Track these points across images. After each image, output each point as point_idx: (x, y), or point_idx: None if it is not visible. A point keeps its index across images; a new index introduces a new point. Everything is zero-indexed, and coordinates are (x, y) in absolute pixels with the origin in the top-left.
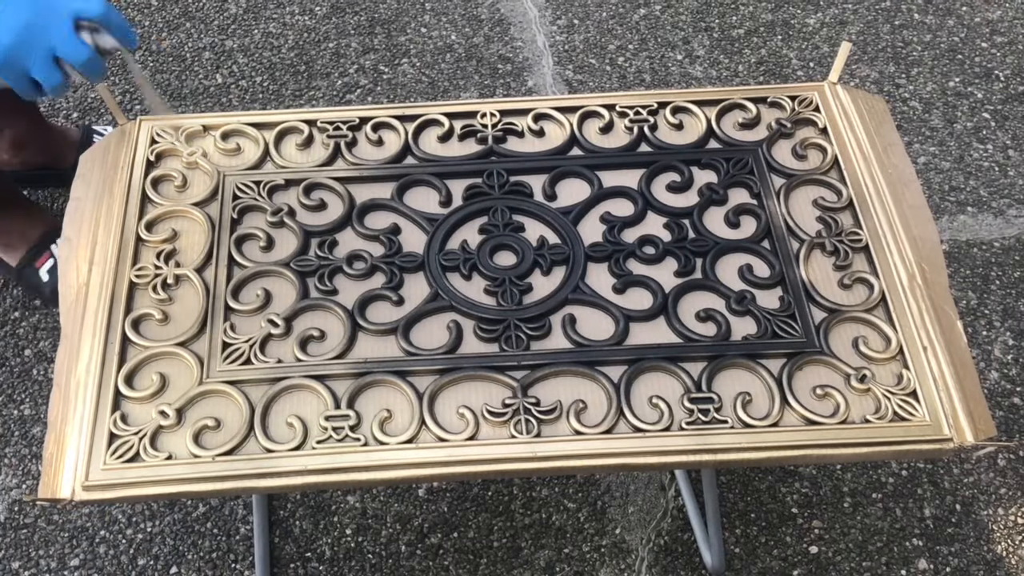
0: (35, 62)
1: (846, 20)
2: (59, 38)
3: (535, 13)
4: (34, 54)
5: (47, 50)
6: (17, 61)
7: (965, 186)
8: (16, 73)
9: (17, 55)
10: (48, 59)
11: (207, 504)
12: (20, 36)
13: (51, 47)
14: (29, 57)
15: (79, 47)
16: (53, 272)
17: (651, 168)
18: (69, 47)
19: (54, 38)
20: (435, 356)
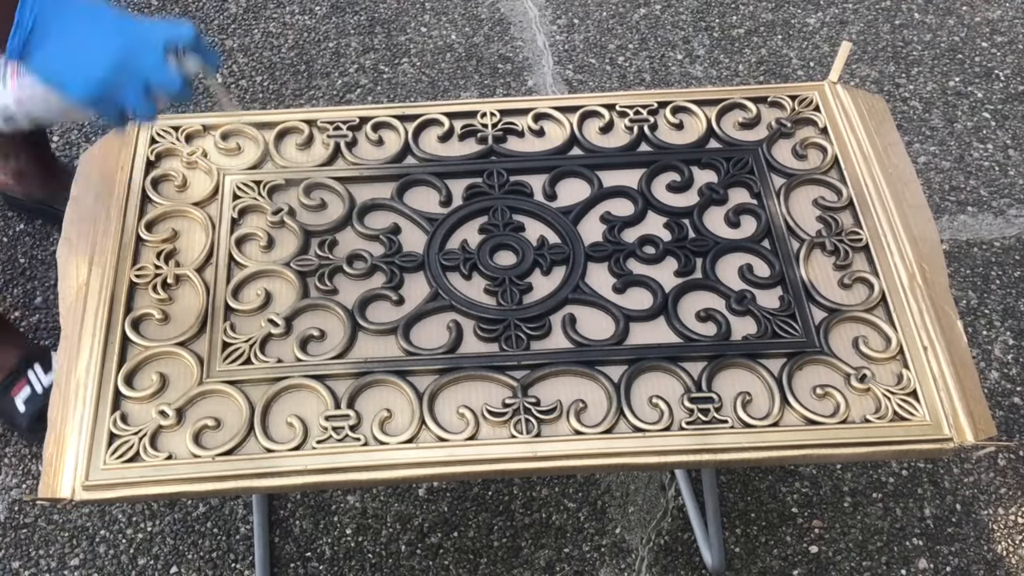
0: (130, 94)
1: (846, 20)
2: (152, 68)
3: (535, 13)
4: (129, 86)
5: (141, 81)
6: (112, 94)
7: (965, 186)
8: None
9: (113, 88)
10: (142, 90)
11: (207, 504)
12: (115, 68)
13: (145, 77)
14: (124, 89)
15: (172, 77)
16: (30, 401)
17: (651, 168)
18: (163, 77)
19: (147, 68)
20: (435, 356)
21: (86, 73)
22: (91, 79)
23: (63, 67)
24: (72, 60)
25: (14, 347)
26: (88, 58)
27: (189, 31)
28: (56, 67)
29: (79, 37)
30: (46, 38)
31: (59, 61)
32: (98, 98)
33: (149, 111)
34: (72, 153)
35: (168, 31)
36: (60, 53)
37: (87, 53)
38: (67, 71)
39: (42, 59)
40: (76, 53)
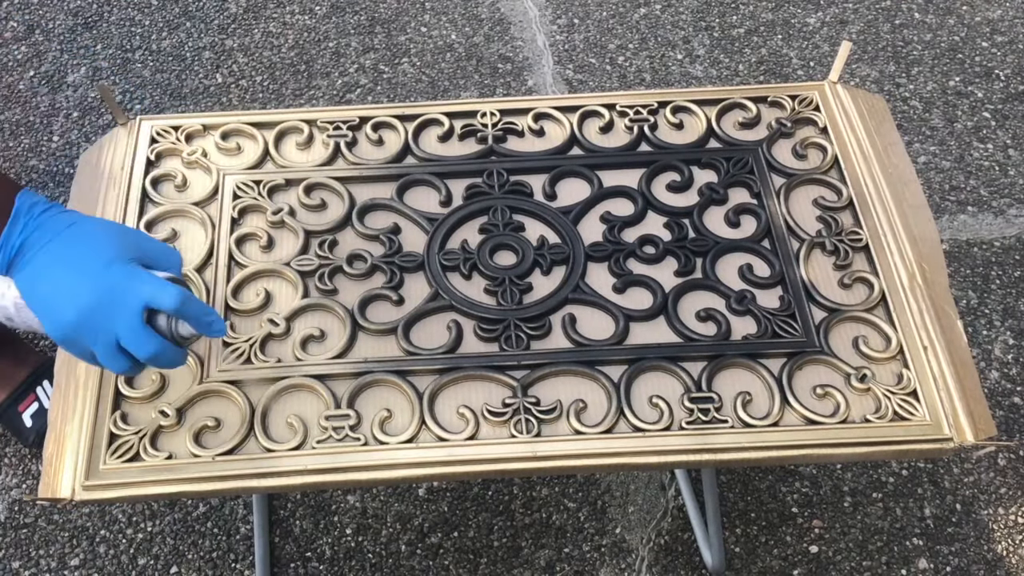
0: (99, 347)
1: (846, 19)
2: (124, 328)
3: (535, 12)
4: (98, 339)
5: (111, 337)
6: (79, 341)
7: (965, 185)
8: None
9: (79, 335)
10: (112, 346)
11: (207, 504)
12: (83, 317)
13: (116, 336)
14: (93, 340)
15: (145, 341)
16: (37, 416)
17: (651, 168)
18: (133, 340)
19: (119, 328)
20: (435, 356)
21: (58, 315)
22: (60, 322)
23: (41, 300)
24: (44, 296)
25: (24, 362)
26: (58, 301)
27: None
28: (35, 296)
29: (60, 276)
30: (29, 265)
31: (33, 292)
32: (67, 342)
33: (121, 366)
34: (72, 153)
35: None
36: (34, 284)
37: (58, 295)
38: (40, 304)
39: (21, 283)
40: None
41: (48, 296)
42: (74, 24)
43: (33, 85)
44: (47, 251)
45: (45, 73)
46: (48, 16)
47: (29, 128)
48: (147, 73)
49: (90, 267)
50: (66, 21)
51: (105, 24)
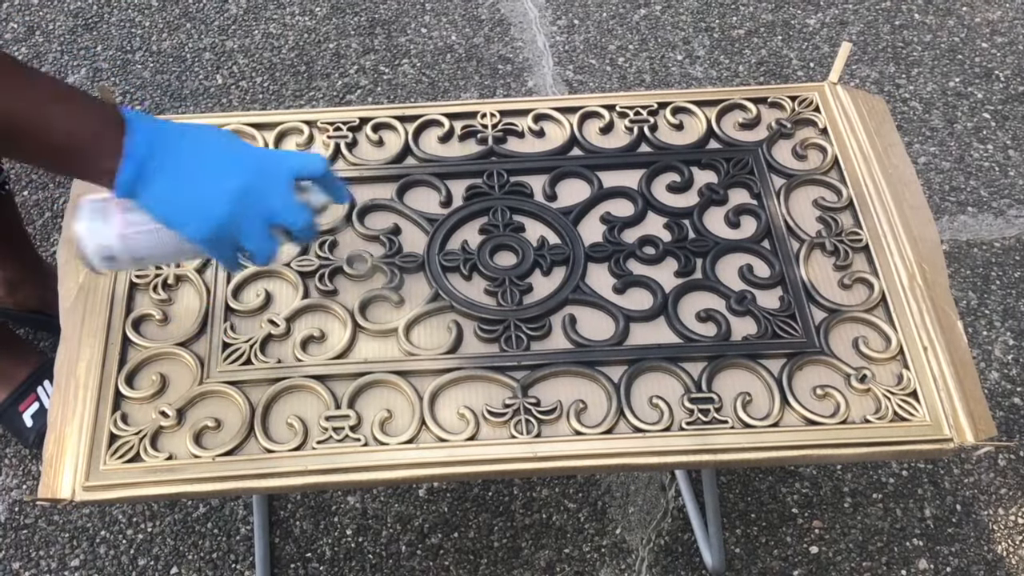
0: (251, 232)
1: (846, 20)
2: (278, 203)
3: (535, 13)
4: (250, 223)
5: (264, 219)
6: (232, 233)
7: (965, 186)
8: (228, 246)
9: (233, 227)
10: (264, 228)
11: (207, 504)
12: (237, 204)
13: (268, 215)
14: (245, 228)
15: (299, 212)
16: (37, 416)
17: (651, 168)
18: (289, 213)
19: (273, 203)
20: (435, 356)
21: (205, 210)
22: (211, 216)
23: (179, 203)
24: (189, 195)
25: (25, 361)
26: (207, 193)
27: (320, 164)
28: (171, 204)
29: (197, 170)
30: (160, 171)
31: (174, 197)
32: (216, 238)
33: (269, 249)
34: None
35: (297, 162)
36: (175, 188)
37: (206, 188)
38: (183, 208)
39: (155, 195)
40: (194, 188)
41: (191, 196)
42: (74, 25)
43: None
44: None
45: None
46: (48, 17)
47: None
48: (147, 74)
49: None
50: (66, 22)
51: (105, 25)
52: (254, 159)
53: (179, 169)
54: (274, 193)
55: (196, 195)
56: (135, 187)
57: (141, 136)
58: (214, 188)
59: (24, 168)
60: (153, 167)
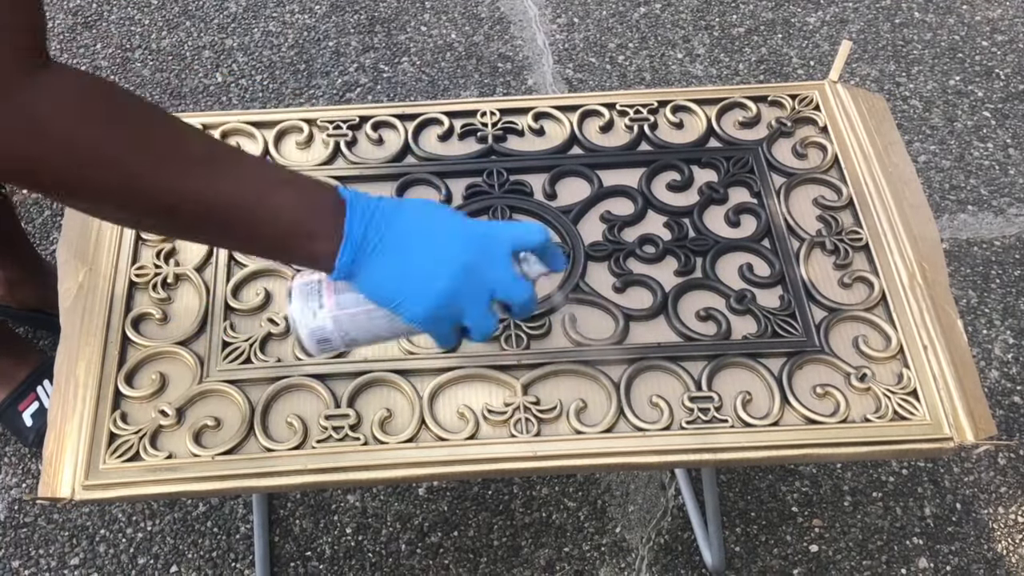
0: (471, 310)
1: (846, 18)
2: (499, 279)
3: (535, 11)
4: (470, 301)
5: (485, 295)
6: (453, 311)
7: (965, 185)
8: (444, 324)
9: (455, 304)
10: (485, 305)
11: (207, 503)
12: (458, 281)
13: (490, 291)
14: (466, 304)
15: (521, 287)
16: (37, 415)
17: (651, 167)
18: (511, 289)
19: (494, 279)
20: (435, 355)
21: (427, 287)
22: (432, 293)
23: (399, 282)
24: (411, 273)
25: (24, 360)
26: (429, 269)
27: (541, 235)
28: (391, 283)
29: (417, 247)
30: (377, 252)
31: (395, 275)
32: (437, 317)
33: (490, 327)
34: None
35: (518, 234)
36: (395, 267)
37: (427, 264)
38: (404, 286)
39: (372, 277)
40: (415, 265)
41: (413, 273)
42: (74, 23)
43: None
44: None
45: None
46: (47, 15)
47: None
48: (147, 72)
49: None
50: (65, 20)
51: (104, 23)
52: (473, 234)
53: (398, 248)
54: (494, 268)
55: (415, 275)
56: (352, 269)
57: (358, 217)
58: (433, 267)
59: None
60: (370, 249)
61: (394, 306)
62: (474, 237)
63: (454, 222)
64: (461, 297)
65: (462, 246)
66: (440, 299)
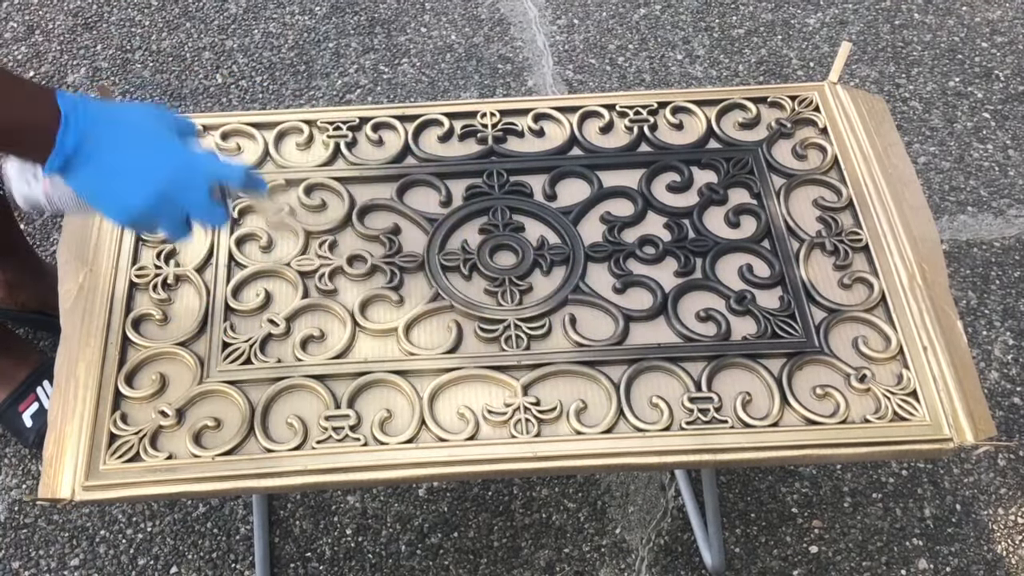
0: (167, 225)
1: (846, 20)
2: (194, 204)
3: (535, 13)
4: (166, 219)
5: (179, 215)
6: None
7: (965, 186)
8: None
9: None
10: (180, 223)
11: (207, 504)
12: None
13: (184, 213)
14: (161, 221)
15: (214, 212)
16: (37, 416)
17: (651, 168)
18: (204, 213)
19: (190, 202)
20: (435, 356)
21: (124, 201)
22: (129, 207)
23: (101, 192)
24: (111, 186)
25: (24, 361)
26: (129, 187)
27: (238, 173)
28: (94, 190)
29: (122, 164)
30: (88, 160)
31: (98, 185)
32: (134, 226)
33: (182, 234)
34: None
35: (217, 170)
36: (100, 178)
37: (128, 182)
38: (105, 196)
39: (79, 183)
40: (117, 180)
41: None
42: (74, 24)
43: None
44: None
45: (45, 73)
46: (48, 16)
47: None
48: (147, 73)
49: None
50: (66, 21)
51: (105, 24)
52: (176, 161)
53: (104, 160)
54: (191, 195)
55: (117, 187)
56: (65, 172)
57: (73, 130)
58: (135, 183)
59: None
60: (80, 161)
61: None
62: (175, 167)
63: (162, 146)
64: (157, 215)
65: (164, 171)
66: (136, 216)
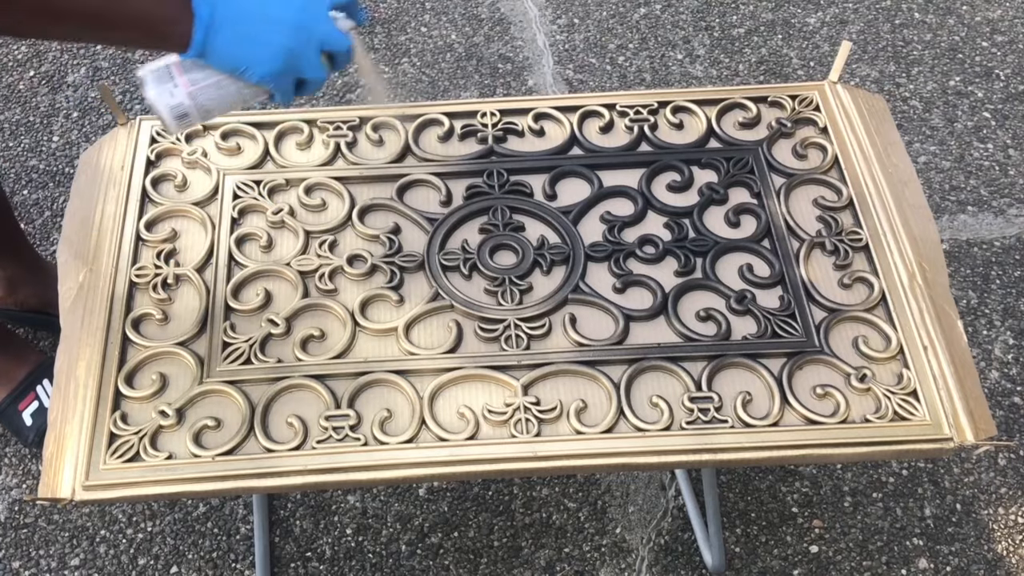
0: (309, 59)
1: (846, 19)
2: (326, 31)
3: (535, 12)
4: (307, 54)
5: (318, 44)
6: (294, 63)
7: (965, 185)
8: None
9: (294, 56)
10: (318, 55)
11: (207, 504)
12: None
13: (320, 42)
14: (303, 55)
15: (343, 37)
16: (37, 415)
17: (651, 168)
18: (336, 39)
19: (322, 32)
20: (435, 356)
21: (269, 48)
22: (276, 50)
23: (246, 48)
24: (254, 37)
25: (24, 360)
26: (268, 33)
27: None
28: (238, 51)
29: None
30: (224, 26)
31: (241, 44)
32: (282, 70)
33: (324, 75)
34: (72, 153)
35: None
36: (240, 37)
37: (266, 29)
38: (250, 52)
39: (222, 47)
40: (257, 30)
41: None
42: None
43: (33, 85)
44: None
45: (45, 73)
46: None
47: (29, 128)
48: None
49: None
50: None
51: None
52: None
53: (238, 22)
54: (320, 24)
55: (259, 36)
56: (204, 47)
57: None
58: (273, 31)
59: (24, 168)
60: (217, 26)
61: (242, 71)
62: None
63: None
64: (297, 53)
65: (293, 9)
66: (281, 56)
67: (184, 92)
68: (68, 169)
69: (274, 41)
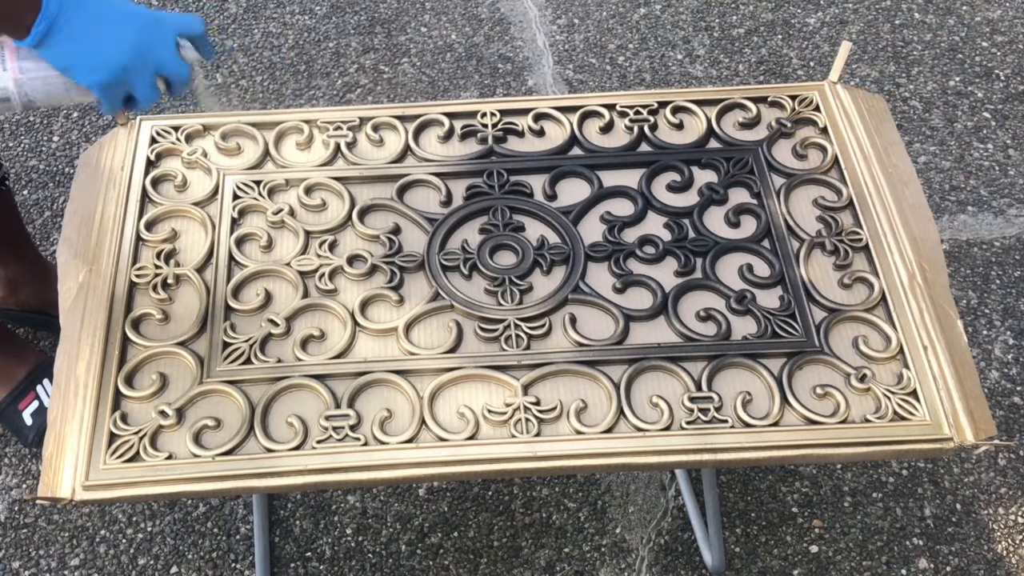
0: (140, 81)
1: (846, 19)
2: (165, 58)
3: (535, 12)
4: (141, 73)
5: (153, 69)
6: (124, 80)
7: (965, 185)
8: (118, 92)
9: (126, 74)
10: (153, 78)
11: (207, 504)
12: (132, 55)
13: (157, 66)
14: (136, 75)
15: (182, 66)
16: (37, 415)
17: (651, 168)
18: (174, 67)
19: (161, 57)
20: (435, 356)
21: (104, 58)
22: (109, 64)
23: (81, 52)
24: (92, 45)
25: (24, 359)
26: (108, 44)
27: (199, 22)
28: (74, 52)
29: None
30: (67, 24)
31: (78, 45)
32: (111, 82)
33: (154, 97)
34: (72, 153)
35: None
36: (79, 38)
37: (107, 39)
38: (85, 56)
39: (61, 44)
40: (96, 39)
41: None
42: None
43: None
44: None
45: None
46: None
47: (29, 128)
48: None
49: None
50: None
51: None
52: (147, 20)
53: (83, 26)
54: (162, 48)
55: (97, 45)
56: (45, 39)
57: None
58: (113, 40)
59: (24, 168)
60: (62, 22)
61: (73, 72)
62: (147, 22)
63: (130, 8)
64: (132, 71)
65: (137, 27)
66: (113, 70)
67: (11, 78)
68: (68, 169)
69: (110, 54)
